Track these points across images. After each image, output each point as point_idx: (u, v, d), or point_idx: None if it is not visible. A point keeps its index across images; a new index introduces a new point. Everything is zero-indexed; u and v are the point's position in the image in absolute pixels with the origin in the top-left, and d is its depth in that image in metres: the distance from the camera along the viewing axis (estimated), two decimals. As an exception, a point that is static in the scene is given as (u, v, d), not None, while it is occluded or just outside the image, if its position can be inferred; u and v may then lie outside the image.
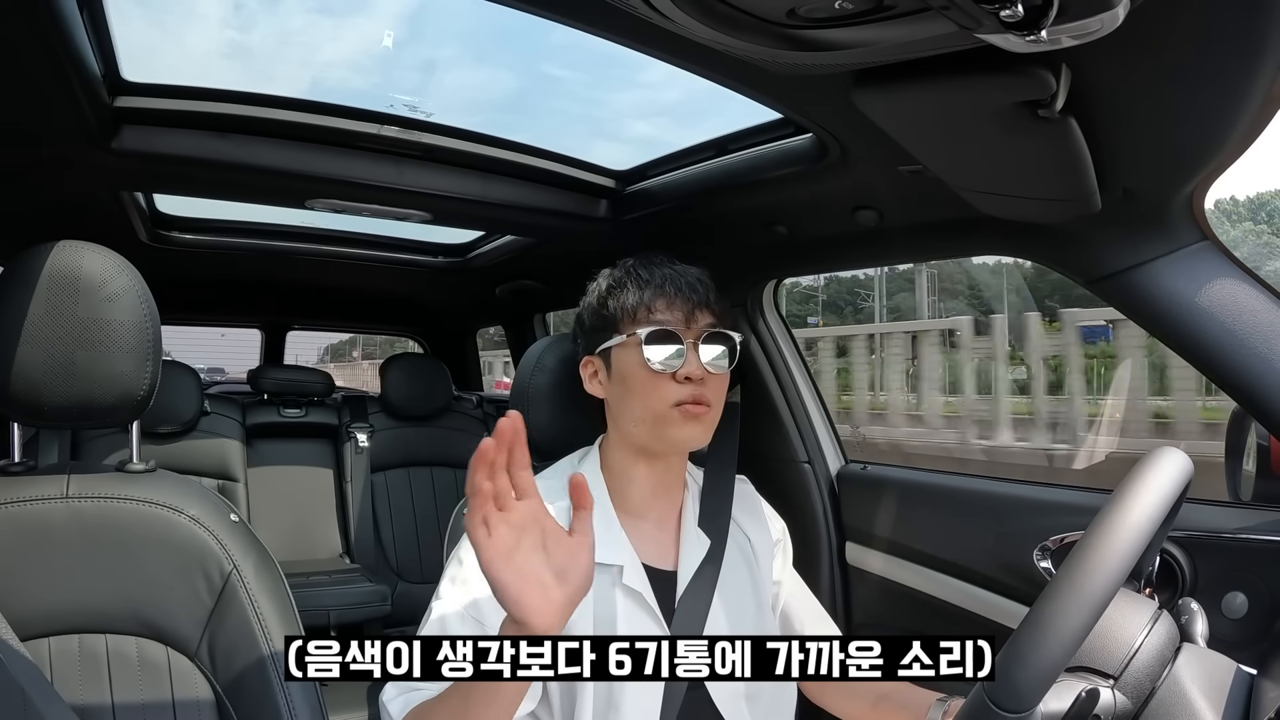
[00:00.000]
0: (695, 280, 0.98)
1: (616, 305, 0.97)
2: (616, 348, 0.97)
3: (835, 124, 0.97)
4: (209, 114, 1.23)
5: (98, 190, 1.46)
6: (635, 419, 0.95)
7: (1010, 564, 1.22)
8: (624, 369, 0.96)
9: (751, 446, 1.16)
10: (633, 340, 0.95)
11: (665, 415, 0.93)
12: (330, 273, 2.42)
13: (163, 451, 2.19)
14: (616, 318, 0.97)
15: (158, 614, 0.92)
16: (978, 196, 0.99)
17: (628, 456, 0.99)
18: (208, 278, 2.42)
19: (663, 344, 0.94)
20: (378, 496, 2.51)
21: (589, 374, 1.01)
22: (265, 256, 2.22)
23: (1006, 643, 0.60)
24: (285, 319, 3.33)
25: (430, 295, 2.80)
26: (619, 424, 0.98)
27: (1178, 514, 0.69)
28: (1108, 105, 0.74)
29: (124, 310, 0.90)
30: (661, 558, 0.98)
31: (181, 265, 2.16)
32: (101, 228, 1.41)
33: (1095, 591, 0.58)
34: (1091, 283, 1.05)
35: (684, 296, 0.97)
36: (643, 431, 0.95)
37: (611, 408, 0.99)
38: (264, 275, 2.51)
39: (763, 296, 1.63)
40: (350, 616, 2.09)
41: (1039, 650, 0.57)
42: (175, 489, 0.97)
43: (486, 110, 2.12)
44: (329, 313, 3.27)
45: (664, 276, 0.97)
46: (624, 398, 0.96)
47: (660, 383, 0.93)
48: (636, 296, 0.96)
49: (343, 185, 1.41)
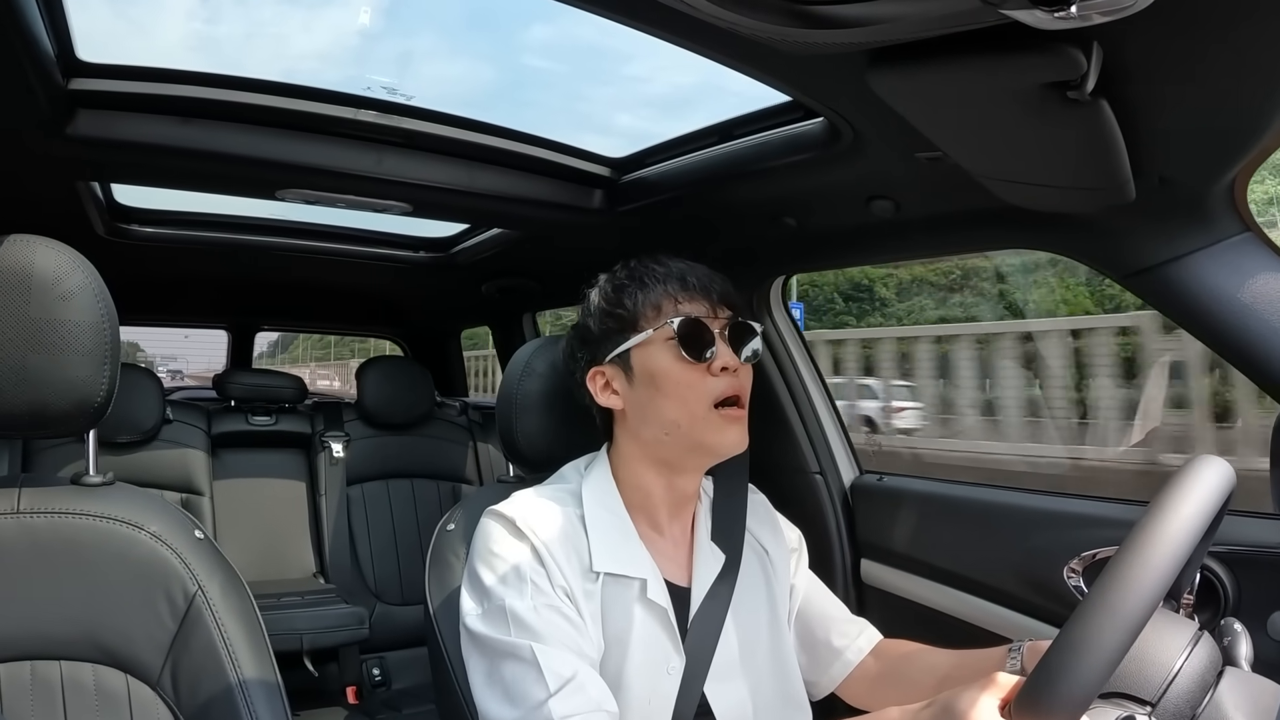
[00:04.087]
0: (710, 273, 1.00)
1: (634, 302, 0.97)
2: (638, 348, 0.96)
3: (848, 107, 0.97)
4: (171, 97, 1.23)
5: (51, 180, 1.46)
6: (667, 424, 0.94)
7: (1039, 582, 1.22)
8: (652, 368, 0.95)
9: (759, 455, 1.16)
10: (660, 334, 0.95)
11: (704, 419, 0.93)
12: (303, 269, 2.42)
13: (121, 462, 2.18)
14: (636, 315, 0.97)
15: (116, 639, 0.92)
16: (1002, 185, 0.99)
17: (647, 470, 0.98)
18: (170, 274, 2.42)
19: (696, 333, 0.94)
20: (354, 511, 2.51)
21: (599, 385, 0.99)
22: (232, 251, 2.21)
23: (1035, 667, 0.59)
24: (254, 319, 3.32)
25: (411, 293, 2.80)
26: (640, 435, 0.97)
27: (1219, 527, 0.70)
28: (1143, 86, 0.74)
29: (79, 310, 0.90)
30: (675, 573, 0.98)
31: (142, 261, 2.15)
32: (55, 220, 1.40)
33: (1131, 611, 0.58)
34: (1125, 278, 1.05)
35: (704, 287, 0.97)
36: (674, 440, 0.94)
37: (631, 417, 0.98)
38: (231, 272, 2.50)
39: (770, 294, 1.64)
40: (325, 641, 2.09)
41: (1070, 675, 0.57)
42: (135, 503, 0.97)
43: (464, 107, 2.16)
44: (301, 312, 3.27)
45: (680, 269, 0.98)
46: (652, 402, 0.95)
47: (696, 378, 0.93)
48: (660, 289, 0.97)
49: (316, 174, 1.40)
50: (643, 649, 0.91)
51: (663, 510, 0.99)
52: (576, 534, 0.93)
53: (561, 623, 0.86)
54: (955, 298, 16.90)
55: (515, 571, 0.88)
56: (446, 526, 1.11)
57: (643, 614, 0.92)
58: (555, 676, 0.82)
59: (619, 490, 0.99)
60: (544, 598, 0.87)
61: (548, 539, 0.90)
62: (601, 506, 0.96)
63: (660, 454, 0.96)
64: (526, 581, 0.87)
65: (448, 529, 1.10)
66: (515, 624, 0.85)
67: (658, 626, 0.93)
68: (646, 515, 0.99)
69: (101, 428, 0.98)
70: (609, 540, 0.94)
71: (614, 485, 0.99)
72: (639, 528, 0.97)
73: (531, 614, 0.85)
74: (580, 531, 0.93)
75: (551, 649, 0.84)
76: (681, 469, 0.98)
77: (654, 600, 0.93)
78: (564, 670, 0.82)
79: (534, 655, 0.83)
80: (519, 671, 0.83)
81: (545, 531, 0.91)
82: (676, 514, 1.01)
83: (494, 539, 0.91)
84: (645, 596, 0.93)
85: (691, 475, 1.00)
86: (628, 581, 0.92)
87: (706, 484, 1.07)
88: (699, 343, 0.93)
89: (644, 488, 0.99)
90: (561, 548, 0.90)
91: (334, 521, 2.47)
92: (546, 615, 0.86)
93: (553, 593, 0.88)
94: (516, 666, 0.84)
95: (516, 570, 0.88)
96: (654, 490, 0.99)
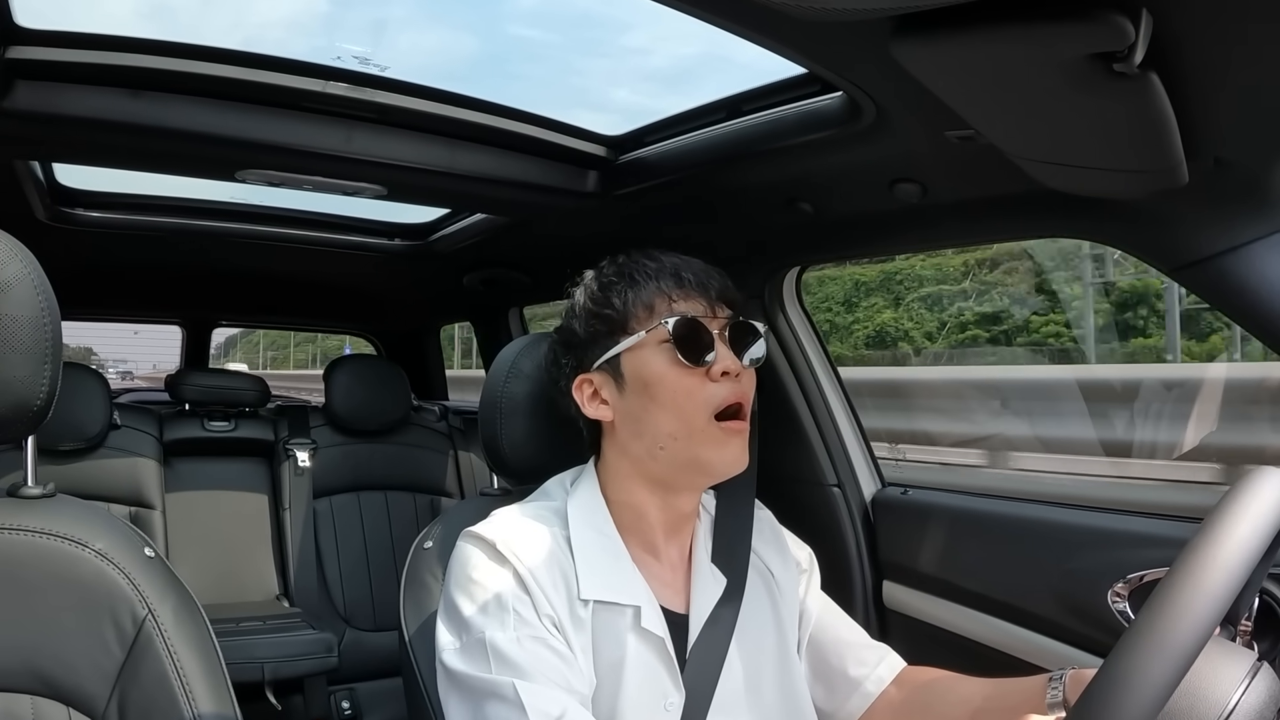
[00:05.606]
0: (707, 268, 0.99)
1: (623, 301, 0.97)
2: (629, 352, 0.96)
3: (870, 81, 0.97)
4: (120, 68, 1.23)
5: None
6: (661, 437, 0.94)
7: (1080, 606, 1.22)
8: (644, 373, 0.95)
9: (770, 466, 1.16)
10: (654, 335, 0.94)
11: (702, 431, 0.93)
12: (265, 258, 2.42)
13: (63, 472, 2.18)
14: (626, 315, 0.96)
15: (57, 668, 0.91)
16: (1040, 168, 0.99)
17: (639, 488, 0.98)
18: (118, 263, 2.42)
19: (693, 334, 0.94)
20: (321, 526, 2.51)
21: (587, 395, 0.99)
22: (187, 239, 2.21)
23: (1076, 701, 0.59)
24: (211, 314, 3.33)
25: (385, 285, 2.80)
26: (630, 450, 0.97)
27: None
28: (1197, 58, 0.74)
29: (17, 303, 0.89)
30: (672, 599, 0.98)
31: (87, 249, 2.15)
32: (-10, 204, 1.40)
33: (1182, 640, 0.58)
34: (1175, 271, 1.05)
35: (701, 284, 0.97)
36: (669, 455, 0.94)
37: (621, 430, 0.98)
38: (186, 261, 2.50)
39: (783, 287, 1.64)
40: (289, 671, 2.08)
41: (1115, 710, 0.57)
42: (78, 518, 0.96)
43: (444, 81, 2.12)
44: (263, 306, 3.26)
45: (674, 265, 0.98)
46: (646, 411, 0.94)
47: (694, 384, 0.93)
48: (652, 286, 0.96)
49: (280, 153, 1.40)
50: (637, 683, 0.91)
51: (658, 531, 0.99)
52: (563, 558, 0.93)
53: (548, 656, 0.86)
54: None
55: (497, 600, 0.88)
56: (424, 544, 1.10)
57: (637, 644, 0.92)
58: (541, 716, 0.81)
59: (609, 509, 0.99)
60: (528, 629, 0.86)
61: (532, 564, 0.90)
62: (589, 527, 0.96)
63: (653, 471, 0.96)
64: (509, 611, 0.87)
65: (425, 547, 1.10)
66: (497, 659, 0.85)
67: (654, 658, 0.93)
68: (639, 537, 0.99)
69: (41, 434, 0.97)
70: (599, 564, 0.93)
71: (603, 504, 0.99)
72: (631, 550, 0.97)
73: (514, 647, 0.85)
74: (567, 555, 0.93)
75: (537, 686, 0.83)
76: (677, 488, 0.98)
77: (649, 629, 0.92)
78: (551, 709, 0.82)
79: (517, 694, 0.82)
80: (502, 713, 0.83)
81: (529, 556, 0.91)
82: (673, 535, 1.01)
83: (472, 565, 0.91)
84: (639, 625, 0.92)
85: (689, 494, 1.00)
86: (620, 609, 0.92)
87: (707, 499, 1.07)
88: (696, 344, 0.93)
89: (636, 507, 0.98)
90: (548, 573, 0.90)
91: (299, 538, 2.46)
92: (531, 648, 0.85)
93: (538, 623, 0.87)
94: (499, 708, 0.83)
95: (498, 599, 0.88)
96: (647, 510, 0.98)
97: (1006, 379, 5.28)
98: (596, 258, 1.05)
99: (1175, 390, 3.74)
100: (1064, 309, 8.85)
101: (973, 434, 4.57)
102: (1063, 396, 4.24)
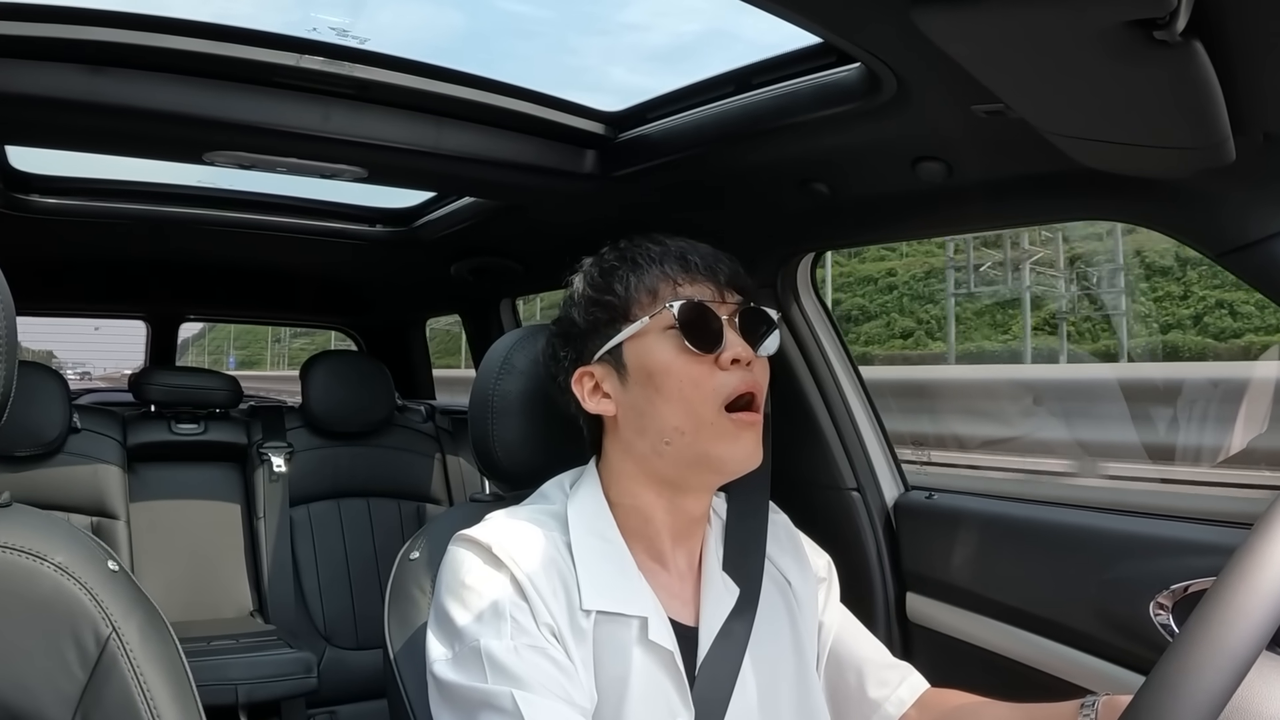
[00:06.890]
0: (715, 251, 1.00)
1: (625, 286, 0.97)
2: (631, 341, 0.96)
3: (891, 51, 0.97)
4: (79, 41, 1.23)
5: None
6: (667, 432, 0.94)
7: (1119, 620, 1.22)
8: (649, 363, 0.95)
9: (784, 468, 1.16)
10: (658, 321, 0.95)
11: (712, 424, 0.93)
12: (236, 247, 2.42)
13: (19, 480, 2.19)
14: (628, 301, 0.97)
15: (14, 691, 0.92)
16: (1074, 144, 0.99)
17: (644, 490, 0.98)
18: (78, 253, 2.42)
19: (701, 319, 0.94)
20: (299, 536, 2.51)
21: (588, 389, 1.00)
22: (152, 227, 2.21)
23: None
24: (178, 307, 3.33)
25: (366, 275, 2.80)
26: (634, 447, 0.97)
27: None
28: (1244, 24, 0.74)
29: None
30: (681, 610, 0.98)
31: (44, 237, 2.16)
32: (-62, 191, 1.41)
33: (1230, 656, 0.58)
34: (1221, 255, 1.05)
35: (709, 267, 0.98)
36: (676, 451, 0.94)
37: (624, 425, 0.98)
38: (151, 251, 2.50)
39: (797, 274, 1.64)
40: (264, 693, 2.09)
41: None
42: (36, 529, 0.96)
43: (429, 56, 2.14)
44: (235, 299, 3.26)
45: (679, 248, 0.99)
46: (651, 404, 0.95)
47: (702, 373, 0.93)
48: (656, 270, 0.97)
49: (251, 133, 1.40)
50: (643, 699, 0.91)
51: (665, 536, 1.00)
52: (564, 564, 0.93)
53: (548, 666, 0.86)
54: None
55: (492, 608, 0.88)
56: (409, 555, 1.11)
57: (643, 658, 0.92)
58: None
59: (612, 513, 0.99)
60: (526, 637, 0.87)
61: (530, 569, 0.90)
62: (591, 533, 0.96)
63: (659, 469, 0.96)
64: (506, 619, 0.87)
65: (411, 558, 1.10)
66: (493, 668, 0.85)
67: (661, 673, 0.93)
68: (646, 543, 0.99)
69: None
70: (602, 572, 0.94)
71: (606, 507, 0.99)
72: (637, 557, 0.97)
73: (512, 656, 0.85)
74: (568, 561, 0.93)
75: (536, 697, 0.83)
76: (685, 488, 0.98)
77: (657, 642, 0.93)
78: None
79: (515, 705, 0.82)
80: None
81: (527, 561, 0.91)
82: (681, 541, 1.01)
83: (466, 569, 0.91)
84: (646, 638, 0.93)
85: (698, 495, 1.00)
86: (625, 620, 0.92)
87: (718, 503, 1.08)
88: (704, 330, 0.94)
89: (642, 510, 0.99)
90: (547, 580, 0.90)
91: (274, 549, 2.47)
92: (530, 658, 0.86)
93: (537, 632, 0.87)
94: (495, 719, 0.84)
95: (494, 606, 0.88)
96: (654, 513, 0.99)
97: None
98: (595, 244, 1.05)
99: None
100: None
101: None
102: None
